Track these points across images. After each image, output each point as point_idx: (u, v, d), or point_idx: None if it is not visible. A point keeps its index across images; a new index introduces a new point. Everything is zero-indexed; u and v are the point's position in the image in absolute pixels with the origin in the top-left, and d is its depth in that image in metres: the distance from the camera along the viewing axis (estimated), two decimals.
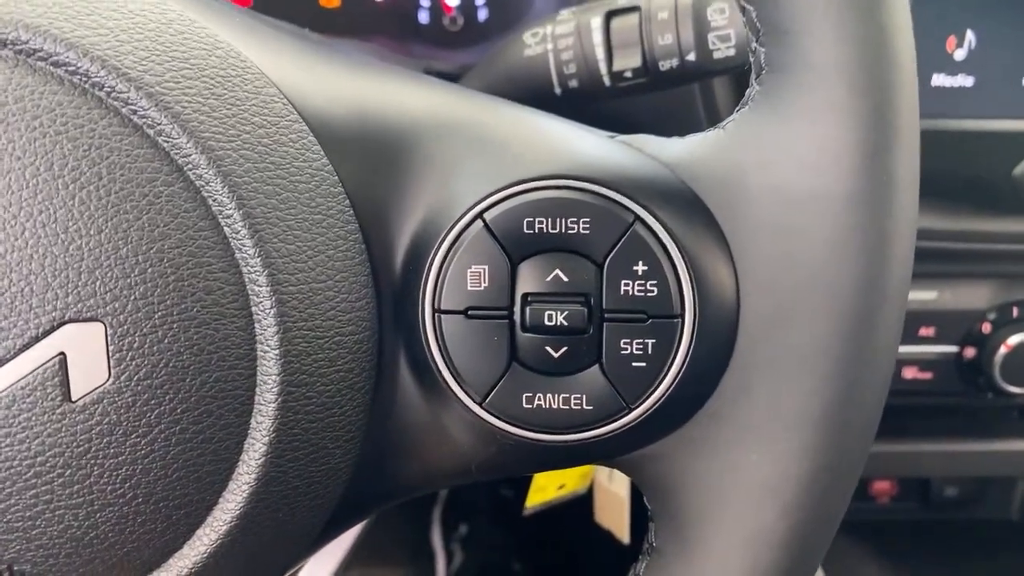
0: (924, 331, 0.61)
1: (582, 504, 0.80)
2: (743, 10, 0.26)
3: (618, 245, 0.26)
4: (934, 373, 0.62)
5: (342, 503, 0.28)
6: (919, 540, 0.83)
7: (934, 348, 0.62)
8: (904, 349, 0.62)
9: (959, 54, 0.51)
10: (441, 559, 0.88)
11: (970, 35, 0.50)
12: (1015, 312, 0.61)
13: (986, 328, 0.61)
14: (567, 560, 0.95)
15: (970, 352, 0.62)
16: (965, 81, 0.51)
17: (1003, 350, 0.60)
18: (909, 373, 0.62)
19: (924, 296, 0.61)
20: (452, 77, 0.55)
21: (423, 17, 0.65)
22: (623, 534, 0.76)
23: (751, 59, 0.26)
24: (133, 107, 0.23)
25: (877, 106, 0.24)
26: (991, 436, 0.72)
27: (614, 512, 0.75)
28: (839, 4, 0.24)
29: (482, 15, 0.65)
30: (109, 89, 0.23)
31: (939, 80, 0.51)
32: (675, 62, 0.39)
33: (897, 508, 0.83)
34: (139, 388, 0.23)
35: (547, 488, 0.73)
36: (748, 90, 0.26)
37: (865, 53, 0.24)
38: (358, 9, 0.65)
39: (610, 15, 0.40)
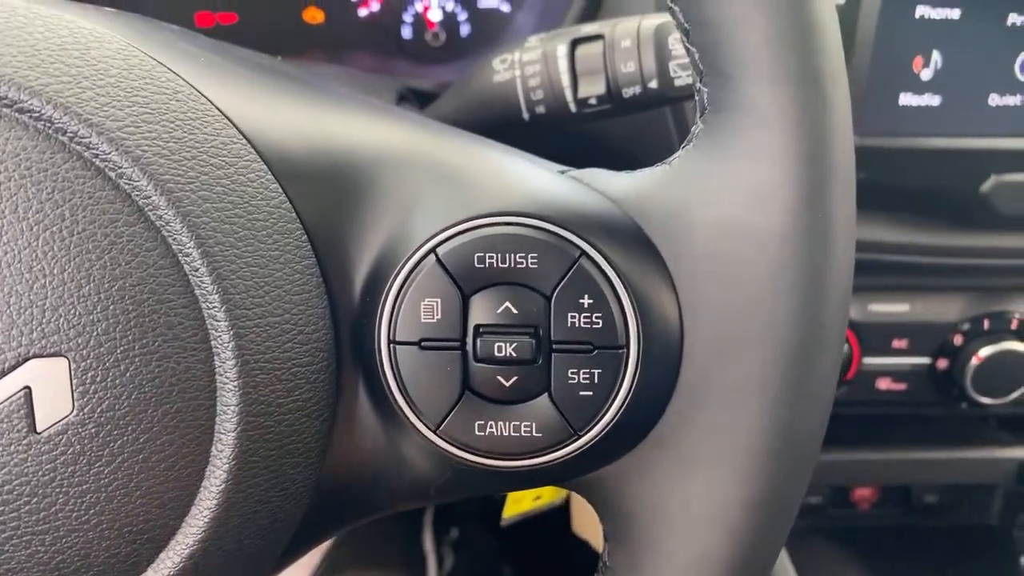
0: (897, 343, 0.62)
1: (570, 513, 0.81)
2: (688, 51, 0.27)
3: (565, 279, 0.27)
4: (908, 384, 0.63)
5: (303, 526, 0.29)
6: (900, 545, 0.84)
7: (907, 360, 0.63)
8: (878, 360, 0.63)
9: (925, 74, 0.51)
10: (432, 563, 0.88)
11: (936, 55, 0.51)
12: (986, 324, 0.62)
13: (958, 340, 0.62)
14: (556, 566, 0.95)
15: (943, 363, 0.63)
16: (932, 100, 0.52)
17: (974, 362, 0.61)
18: (883, 384, 0.63)
19: (897, 309, 0.62)
20: (430, 96, 0.56)
21: (406, 32, 0.66)
22: (599, 544, 0.76)
23: (695, 98, 0.27)
24: (95, 151, 0.24)
25: (812, 147, 0.25)
26: (969, 444, 0.73)
27: (590, 523, 0.76)
28: (776, 50, 0.25)
29: (464, 30, 0.66)
30: (72, 134, 0.24)
31: (906, 99, 0.52)
32: (638, 89, 0.40)
33: (878, 514, 0.83)
34: (102, 420, 0.24)
35: (523, 500, 0.74)
36: (693, 127, 0.27)
37: (800, 96, 0.25)
38: (342, 25, 0.66)
39: (575, 43, 0.41)
